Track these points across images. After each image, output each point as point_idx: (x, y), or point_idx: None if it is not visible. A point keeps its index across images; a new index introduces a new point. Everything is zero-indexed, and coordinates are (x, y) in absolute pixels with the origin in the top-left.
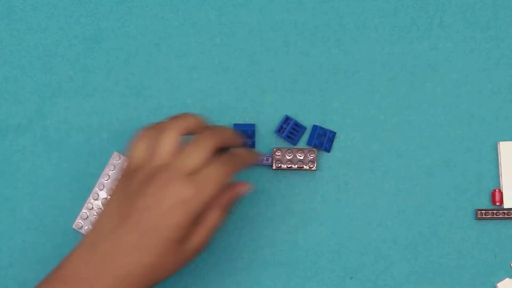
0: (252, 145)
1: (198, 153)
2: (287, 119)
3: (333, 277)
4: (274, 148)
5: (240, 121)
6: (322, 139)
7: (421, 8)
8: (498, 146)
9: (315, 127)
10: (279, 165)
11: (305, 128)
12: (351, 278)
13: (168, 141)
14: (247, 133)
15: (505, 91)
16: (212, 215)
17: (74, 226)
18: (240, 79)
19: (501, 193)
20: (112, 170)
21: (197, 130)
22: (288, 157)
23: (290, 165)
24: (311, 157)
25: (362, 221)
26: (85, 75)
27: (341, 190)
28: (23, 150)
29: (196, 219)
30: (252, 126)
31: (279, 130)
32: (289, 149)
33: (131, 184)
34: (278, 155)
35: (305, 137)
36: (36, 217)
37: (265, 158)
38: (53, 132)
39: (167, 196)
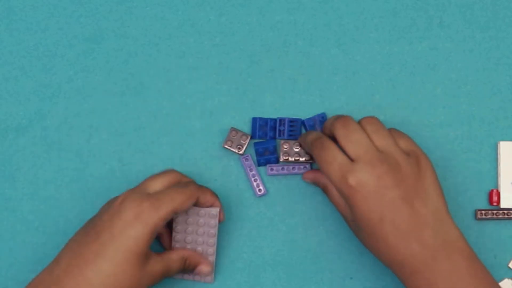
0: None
1: (159, 178)
2: (280, 120)
3: (333, 277)
4: (281, 140)
5: (239, 121)
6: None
7: (421, 8)
8: (498, 146)
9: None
10: (286, 157)
11: (301, 120)
12: (351, 278)
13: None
14: (269, 148)
15: (505, 91)
16: (173, 256)
17: None
18: (240, 79)
19: (498, 193)
20: None
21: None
22: (295, 150)
23: (297, 157)
24: None
25: None
26: (85, 75)
27: None
28: (23, 150)
29: (162, 254)
30: (273, 142)
31: (279, 135)
32: (296, 141)
33: (101, 209)
34: (286, 148)
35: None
36: (36, 217)
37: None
38: (53, 132)
39: (126, 209)
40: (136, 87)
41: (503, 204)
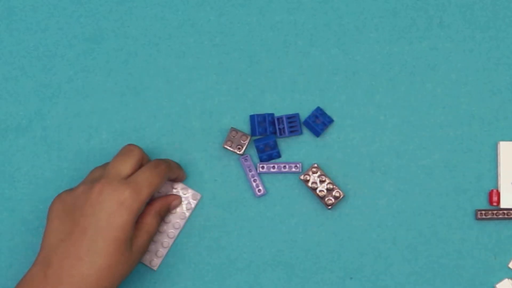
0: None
1: (128, 160)
2: (278, 119)
3: (333, 277)
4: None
5: (239, 121)
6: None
7: (421, 8)
8: (498, 146)
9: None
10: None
11: (298, 115)
12: (351, 278)
13: (100, 166)
14: (269, 144)
15: (505, 91)
16: (148, 220)
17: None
18: (240, 79)
19: (498, 193)
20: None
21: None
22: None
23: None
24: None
25: (362, 221)
26: (85, 75)
27: (341, 190)
28: (23, 150)
29: (137, 225)
30: (272, 137)
31: (280, 134)
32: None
33: (68, 199)
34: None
35: (306, 133)
36: (36, 217)
37: (294, 166)
38: (53, 132)
39: (107, 200)
40: (136, 87)
41: (503, 204)
